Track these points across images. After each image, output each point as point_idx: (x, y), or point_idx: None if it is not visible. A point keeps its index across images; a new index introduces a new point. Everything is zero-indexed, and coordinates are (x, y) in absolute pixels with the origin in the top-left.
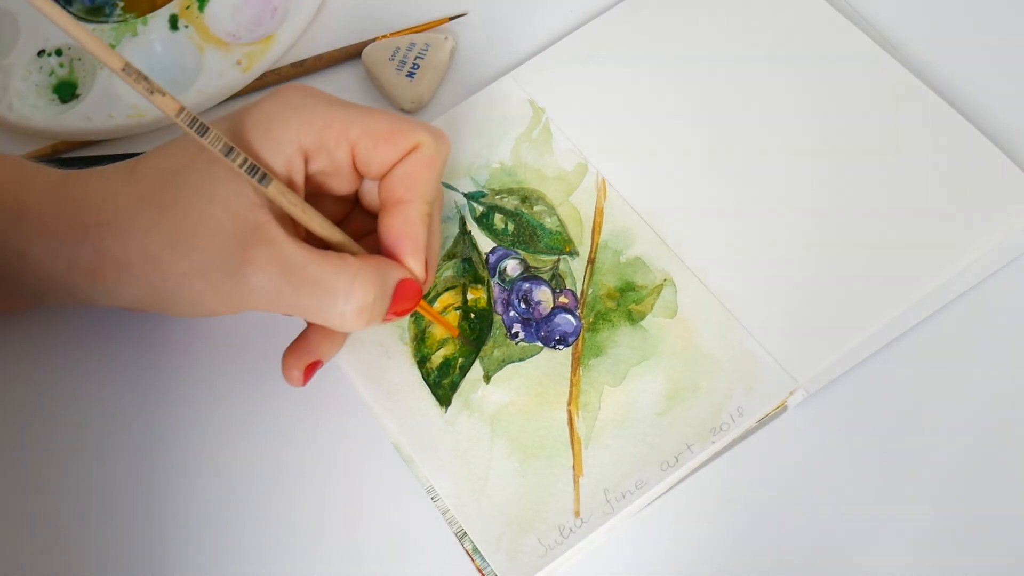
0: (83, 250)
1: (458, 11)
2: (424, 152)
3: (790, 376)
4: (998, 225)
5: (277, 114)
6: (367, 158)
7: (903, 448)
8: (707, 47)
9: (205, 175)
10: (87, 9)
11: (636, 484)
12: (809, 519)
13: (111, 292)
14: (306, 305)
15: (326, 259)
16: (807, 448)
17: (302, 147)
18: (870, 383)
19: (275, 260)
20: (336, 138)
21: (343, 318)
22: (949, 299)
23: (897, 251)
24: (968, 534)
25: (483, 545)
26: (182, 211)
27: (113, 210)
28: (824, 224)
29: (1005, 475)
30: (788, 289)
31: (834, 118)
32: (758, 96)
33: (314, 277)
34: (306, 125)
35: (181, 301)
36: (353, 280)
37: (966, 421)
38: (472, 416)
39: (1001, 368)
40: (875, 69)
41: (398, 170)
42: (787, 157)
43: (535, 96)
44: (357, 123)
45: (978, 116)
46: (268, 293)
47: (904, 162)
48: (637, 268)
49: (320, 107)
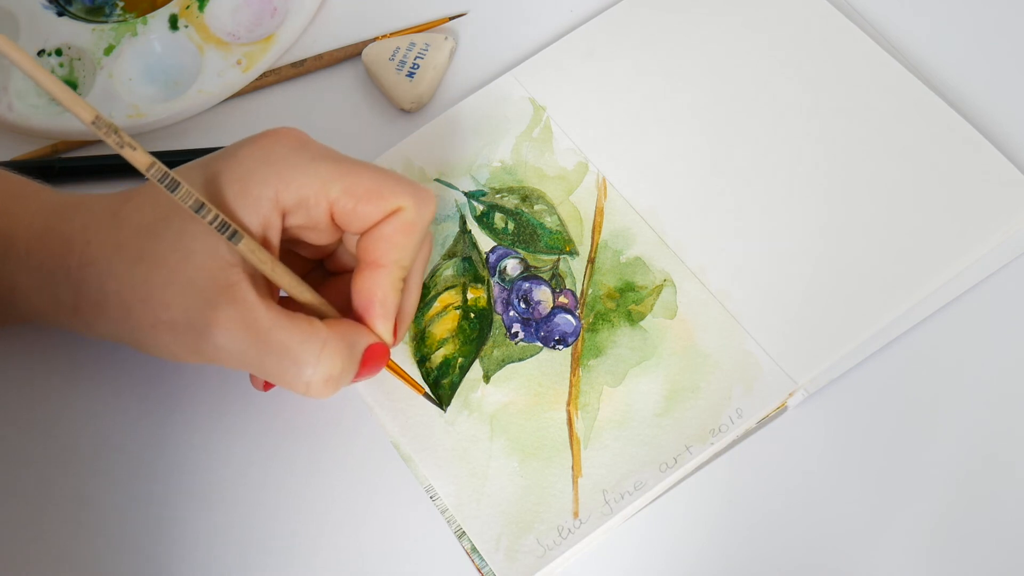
0: (64, 289)
1: (458, 11)
2: (405, 216)
3: (789, 378)
4: (998, 228)
5: (256, 171)
6: (347, 217)
7: (903, 448)
8: (709, 46)
9: (181, 230)
10: (87, 9)
11: (635, 485)
12: (809, 520)
13: (91, 328)
14: (271, 370)
15: (294, 325)
16: (807, 449)
17: (280, 205)
18: (870, 383)
19: (241, 322)
20: (316, 197)
21: (308, 386)
22: (949, 299)
23: (897, 253)
24: (968, 535)
25: (482, 545)
26: (156, 264)
27: (94, 254)
28: (824, 225)
29: (1005, 475)
30: (788, 290)
31: (835, 119)
32: (760, 96)
33: (280, 344)
34: (285, 183)
35: (152, 348)
36: (321, 351)
37: (966, 421)
38: (471, 416)
39: (1001, 369)
40: (877, 71)
41: (377, 232)
42: (788, 158)
43: (536, 95)
44: (338, 181)
45: (979, 118)
46: (233, 354)
47: (904, 164)
48: (637, 268)
49: (302, 165)
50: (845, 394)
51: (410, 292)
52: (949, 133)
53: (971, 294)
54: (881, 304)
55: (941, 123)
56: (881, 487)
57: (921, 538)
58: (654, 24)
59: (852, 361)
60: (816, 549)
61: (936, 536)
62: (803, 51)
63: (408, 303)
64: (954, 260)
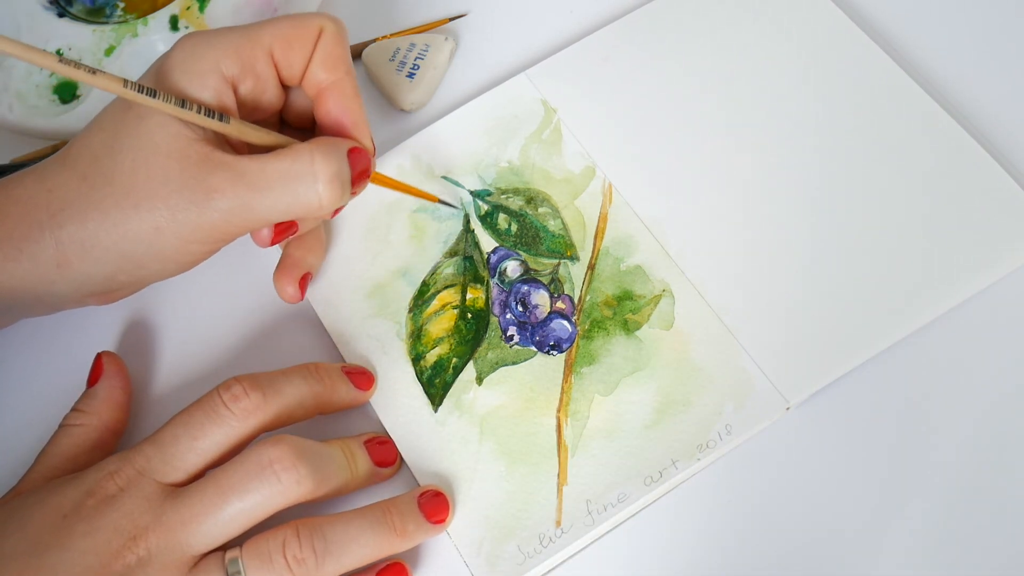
0: (43, 245)
1: (458, 12)
2: (329, 31)
3: (782, 396)
4: (1005, 257)
5: (196, 52)
6: (287, 60)
7: (898, 452)
8: (724, 57)
9: (136, 133)
10: (88, 10)
11: (619, 497)
12: (799, 526)
13: (80, 280)
14: (280, 201)
15: (278, 155)
16: (797, 456)
17: (227, 75)
18: (864, 388)
19: (236, 178)
20: (253, 52)
21: (319, 195)
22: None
23: (901, 278)
24: (965, 537)
25: (464, 548)
26: (130, 171)
27: (62, 198)
28: (828, 245)
29: (1002, 478)
30: (787, 308)
31: (845, 139)
32: (772, 111)
33: (276, 172)
34: (224, 53)
35: (158, 259)
36: (312, 159)
37: (963, 425)
38: (462, 417)
39: (998, 374)
40: (893, 91)
41: (315, 59)
42: (796, 174)
43: (548, 96)
44: (265, 33)
45: (991, 140)
46: (242, 209)
47: (914, 188)
48: (637, 277)
49: (226, 34)
50: (838, 399)
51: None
52: (959, 156)
53: (970, 300)
54: (881, 329)
55: (952, 146)
56: (877, 490)
57: (917, 540)
58: (671, 32)
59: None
60: (807, 556)
61: (932, 539)
62: (819, 67)
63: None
64: (958, 289)
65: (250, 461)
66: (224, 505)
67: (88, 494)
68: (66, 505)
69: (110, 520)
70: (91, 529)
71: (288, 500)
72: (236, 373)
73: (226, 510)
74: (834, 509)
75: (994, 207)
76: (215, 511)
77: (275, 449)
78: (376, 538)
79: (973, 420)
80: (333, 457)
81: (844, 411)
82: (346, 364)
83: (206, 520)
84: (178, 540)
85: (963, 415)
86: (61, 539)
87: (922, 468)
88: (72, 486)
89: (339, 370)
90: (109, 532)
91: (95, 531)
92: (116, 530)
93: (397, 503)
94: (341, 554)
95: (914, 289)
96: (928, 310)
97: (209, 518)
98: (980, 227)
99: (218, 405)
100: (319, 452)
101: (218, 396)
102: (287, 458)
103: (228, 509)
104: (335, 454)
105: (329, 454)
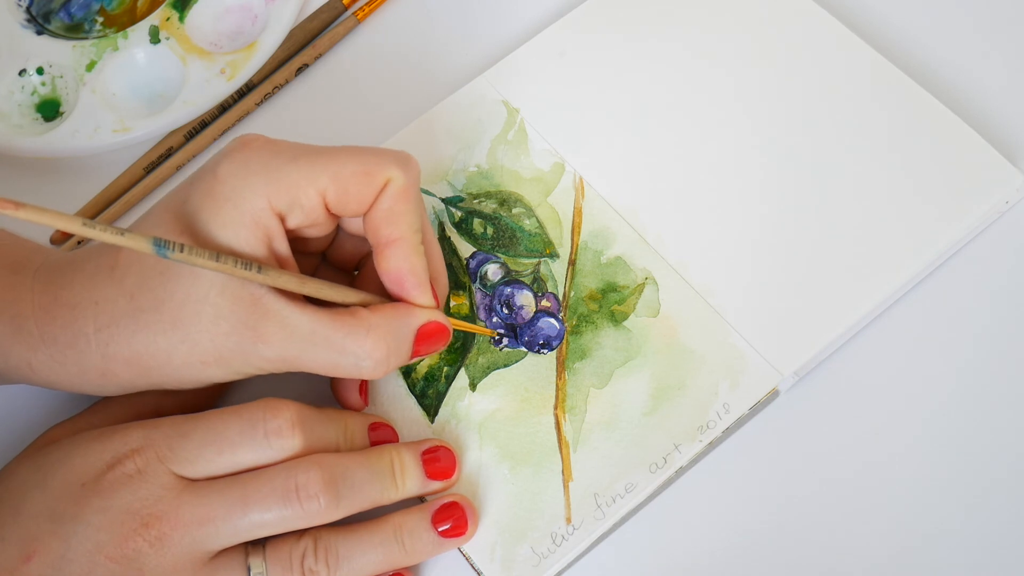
0: (90, 357)
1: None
2: (397, 185)
3: (775, 369)
4: (975, 208)
5: (242, 186)
6: (342, 203)
7: (892, 431)
8: (681, 41)
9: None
10: (66, 26)
11: (626, 488)
12: (806, 513)
13: (124, 386)
14: (323, 364)
15: (335, 320)
16: (799, 440)
17: (276, 211)
18: (856, 368)
19: (284, 332)
20: (306, 192)
21: (361, 372)
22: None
23: (877, 238)
24: (959, 521)
25: (476, 555)
26: (179, 304)
27: (110, 314)
28: (803, 214)
29: (997, 456)
30: (770, 281)
31: (809, 109)
32: (733, 89)
33: (325, 339)
34: (274, 189)
35: (198, 382)
36: (366, 338)
37: (955, 401)
38: (460, 425)
39: (989, 346)
40: (851, 56)
41: (377, 210)
42: (764, 150)
43: (509, 97)
44: (323, 172)
45: (954, 100)
46: (284, 361)
47: (880, 149)
48: (618, 268)
49: (284, 166)
50: (835, 380)
51: (432, 250)
52: (924, 115)
53: (952, 269)
54: (864, 289)
55: (916, 108)
56: (870, 475)
57: (911, 527)
58: (627, 20)
59: (838, 344)
60: (815, 543)
61: (927, 524)
62: (775, 41)
63: (435, 261)
64: (933, 242)
65: (278, 480)
66: (245, 515)
67: (108, 466)
68: (87, 472)
69: (125, 502)
70: (106, 506)
71: (309, 523)
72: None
73: (245, 520)
74: (839, 497)
75: (958, 158)
76: (234, 518)
77: (305, 475)
78: (387, 557)
79: (968, 397)
80: (373, 478)
81: (841, 394)
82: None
83: (224, 524)
84: (194, 537)
85: (957, 391)
86: (78, 509)
87: (916, 450)
88: (95, 450)
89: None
90: (122, 513)
91: (109, 509)
92: (129, 512)
93: (409, 522)
94: (350, 571)
95: (891, 246)
96: (907, 266)
97: (227, 524)
98: (949, 182)
99: (258, 432)
100: (355, 475)
101: (262, 423)
102: (313, 485)
103: (247, 520)
104: (378, 471)
105: (369, 476)
